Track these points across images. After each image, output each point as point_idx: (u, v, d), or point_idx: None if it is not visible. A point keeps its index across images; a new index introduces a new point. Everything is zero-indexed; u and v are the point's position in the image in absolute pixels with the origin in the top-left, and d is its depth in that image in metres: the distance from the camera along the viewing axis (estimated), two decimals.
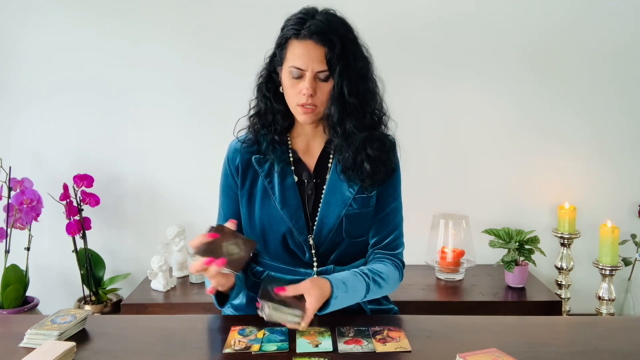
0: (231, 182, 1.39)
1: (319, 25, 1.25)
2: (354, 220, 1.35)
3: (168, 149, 2.53)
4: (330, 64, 1.24)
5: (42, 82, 2.48)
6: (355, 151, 1.31)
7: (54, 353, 1.07)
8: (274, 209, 1.34)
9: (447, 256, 2.39)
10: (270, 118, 1.35)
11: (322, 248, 1.36)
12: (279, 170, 1.35)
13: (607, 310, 2.32)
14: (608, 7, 2.44)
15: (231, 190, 1.40)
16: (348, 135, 1.30)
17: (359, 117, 1.29)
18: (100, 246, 2.50)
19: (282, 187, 1.34)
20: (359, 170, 1.32)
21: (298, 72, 1.25)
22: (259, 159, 1.36)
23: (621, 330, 1.30)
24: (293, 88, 1.27)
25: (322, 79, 1.26)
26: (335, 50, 1.23)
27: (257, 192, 1.36)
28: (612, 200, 2.55)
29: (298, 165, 1.38)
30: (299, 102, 1.27)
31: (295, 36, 1.26)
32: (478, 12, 2.45)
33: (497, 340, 1.19)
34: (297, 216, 1.34)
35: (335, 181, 1.36)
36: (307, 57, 1.24)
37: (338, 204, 1.35)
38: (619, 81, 2.50)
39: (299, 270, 1.37)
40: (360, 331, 1.24)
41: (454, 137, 2.52)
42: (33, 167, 2.48)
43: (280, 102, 1.34)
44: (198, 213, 2.54)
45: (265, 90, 1.35)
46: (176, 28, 2.45)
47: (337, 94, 1.26)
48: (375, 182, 1.35)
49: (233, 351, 1.15)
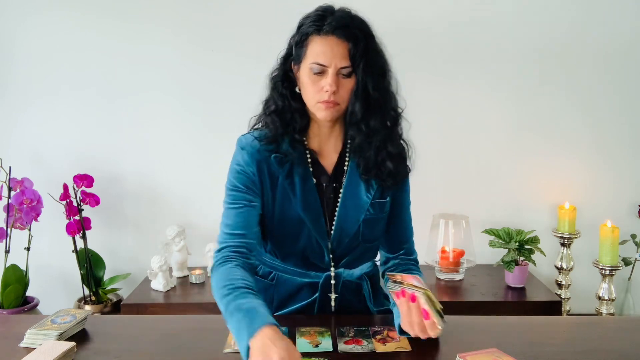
0: (254, 179, 1.30)
1: (341, 20, 1.22)
2: (371, 225, 1.34)
3: (168, 149, 2.53)
4: (354, 60, 1.21)
5: (42, 82, 2.48)
6: (376, 150, 1.28)
7: (54, 353, 1.06)
8: (294, 211, 1.30)
9: (447, 256, 2.39)
10: (288, 116, 1.30)
11: (338, 252, 1.34)
12: (299, 171, 1.30)
13: (607, 310, 2.32)
14: (608, 9, 2.44)
15: (251, 188, 1.29)
16: (371, 132, 1.26)
17: (382, 114, 1.27)
18: (100, 246, 2.50)
19: (303, 189, 1.30)
20: (380, 169, 1.30)
21: (320, 69, 1.21)
22: (279, 158, 1.29)
23: (621, 330, 1.30)
24: (314, 85, 1.23)
25: (344, 75, 1.22)
26: (359, 46, 1.20)
27: (277, 193, 1.30)
28: (612, 200, 2.55)
29: (315, 166, 1.33)
30: (320, 99, 1.23)
31: (316, 32, 1.22)
32: (478, 13, 2.45)
33: (497, 340, 1.19)
34: (318, 220, 1.31)
35: (352, 185, 1.33)
36: (330, 53, 1.20)
37: (356, 208, 1.33)
38: (618, 81, 2.50)
39: (309, 272, 1.35)
40: (360, 331, 1.24)
41: (454, 137, 2.52)
42: (33, 167, 2.47)
43: (297, 100, 1.30)
44: (198, 213, 2.54)
45: (281, 88, 1.30)
46: (176, 28, 2.45)
47: (361, 90, 1.23)
48: (397, 182, 1.33)
49: (233, 351, 1.15)
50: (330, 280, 1.35)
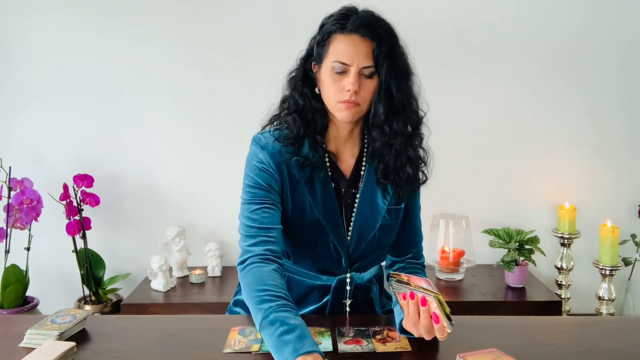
0: (277, 179, 1.26)
1: (366, 19, 1.20)
2: (386, 231, 1.33)
3: (168, 149, 2.53)
4: (377, 61, 1.19)
5: (42, 81, 2.48)
6: (396, 154, 1.26)
7: (54, 353, 1.06)
8: (313, 216, 1.27)
9: (447, 256, 2.39)
10: (309, 116, 1.27)
11: (353, 257, 1.33)
12: (320, 176, 1.28)
13: (607, 310, 2.32)
14: (608, 10, 2.44)
15: (274, 188, 1.26)
16: (393, 135, 1.24)
17: (405, 117, 1.25)
18: (100, 246, 2.50)
19: (323, 194, 1.28)
20: (398, 175, 1.28)
21: (342, 67, 1.19)
22: (300, 162, 1.26)
23: (621, 330, 1.29)
24: (335, 84, 1.20)
25: (366, 76, 1.20)
26: (383, 46, 1.19)
27: (296, 197, 1.27)
28: (612, 200, 2.55)
29: (334, 171, 1.31)
30: (341, 98, 1.20)
31: (340, 30, 1.20)
32: (478, 13, 2.45)
33: (497, 340, 1.19)
34: (338, 227, 1.29)
35: (369, 190, 1.31)
36: (354, 52, 1.18)
37: (373, 214, 1.31)
38: (618, 82, 2.50)
39: (322, 276, 1.34)
40: (360, 331, 1.24)
41: (454, 137, 2.52)
42: (33, 167, 2.47)
43: (317, 101, 1.27)
44: (198, 213, 2.55)
45: (302, 88, 1.27)
46: (177, 28, 2.45)
47: (385, 92, 1.21)
48: (413, 189, 1.31)
49: (233, 351, 1.15)
50: (346, 286, 1.34)
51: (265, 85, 1.43)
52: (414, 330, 1.13)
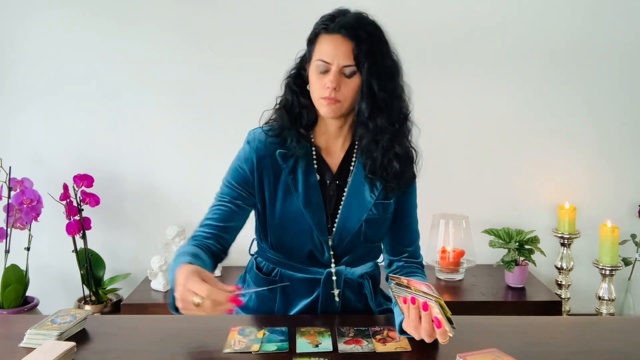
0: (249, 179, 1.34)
1: (349, 20, 1.25)
2: (373, 225, 1.36)
3: (168, 149, 2.53)
4: (358, 60, 1.23)
5: (42, 81, 2.48)
6: (383, 150, 1.30)
7: (54, 353, 1.06)
8: (296, 206, 1.33)
9: (447, 256, 2.39)
10: (296, 112, 1.34)
11: (339, 249, 1.36)
12: (303, 167, 1.33)
13: (607, 310, 2.32)
14: (609, 10, 2.44)
15: (243, 187, 1.35)
16: (379, 131, 1.29)
17: (389, 114, 1.29)
18: (100, 246, 2.50)
19: (305, 185, 1.33)
20: (386, 170, 1.32)
21: (324, 66, 1.25)
22: (283, 153, 1.33)
23: (621, 330, 1.29)
24: (318, 81, 1.26)
25: (347, 75, 1.25)
26: (362, 47, 1.23)
27: (279, 188, 1.34)
28: (612, 200, 2.55)
29: (320, 164, 1.36)
30: (322, 95, 1.26)
31: (324, 31, 1.26)
32: (478, 13, 2.45)
33: (497, 340, 1.19)
34: (319, 216, 1.33)
35: (357, 184, 1.35)
36: (334, 51, 1.24)
37: (359, 207, 1.34)
38: (619, 82, 2.50)
39: (311, 269, 1.37)
40: (360, 331, 1.24)
41: (454, 137, 2.52)
42: (33, 167, 2.47)
43: (307, 97, 1.33)
44: (198, 213, 2.51)
45: (293, 85, 1.34)
46: (176, 28, 2.45)
47: (367, 90, 1.25)
48: (401, 185, 1.34)
49: (233, 351, 1.15)
50: (332, 277, 1.36)
51: (265, 85, 1.44)
52: (414, 333, 1.14)
